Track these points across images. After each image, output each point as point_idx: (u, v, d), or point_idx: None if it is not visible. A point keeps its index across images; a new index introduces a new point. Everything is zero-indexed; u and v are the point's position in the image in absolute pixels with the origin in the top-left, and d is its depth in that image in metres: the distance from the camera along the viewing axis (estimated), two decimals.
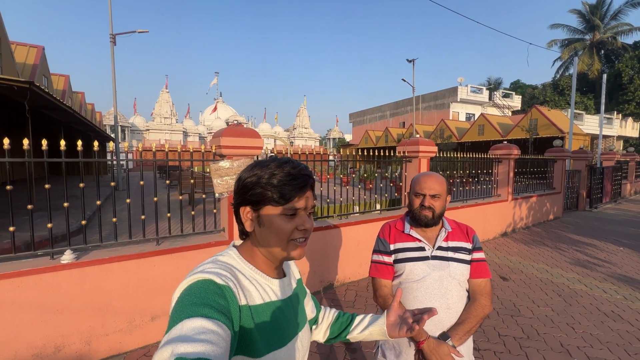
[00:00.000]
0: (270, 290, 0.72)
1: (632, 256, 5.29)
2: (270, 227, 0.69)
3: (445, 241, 1.36)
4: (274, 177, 0.68)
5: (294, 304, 0.79)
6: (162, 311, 2.69)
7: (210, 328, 0.52)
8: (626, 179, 13.57)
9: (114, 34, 12.88)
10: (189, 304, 0.55)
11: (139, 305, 2.59)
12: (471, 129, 23.43)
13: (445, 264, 1.31)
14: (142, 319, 2.61)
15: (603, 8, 33.08)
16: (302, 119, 45.53)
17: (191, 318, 0.52)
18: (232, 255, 0.73)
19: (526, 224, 7.25)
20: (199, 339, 0.49)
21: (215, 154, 3.05)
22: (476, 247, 1.38)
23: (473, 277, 1.33)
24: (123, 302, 2.53)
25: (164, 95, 37.05)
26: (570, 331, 2.97)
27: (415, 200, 1.37)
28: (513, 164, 6.54)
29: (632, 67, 31.55)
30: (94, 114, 23.43)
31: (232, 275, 0.65)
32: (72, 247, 2.40)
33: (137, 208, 2.86)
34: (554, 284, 4.06)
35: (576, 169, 9.86)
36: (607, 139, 26.76)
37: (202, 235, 3.07)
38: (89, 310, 2.39)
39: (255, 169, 0.71)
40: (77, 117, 8.77)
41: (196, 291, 0.58)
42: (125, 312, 2.54)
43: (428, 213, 1.33)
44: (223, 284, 0.61)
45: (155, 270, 2.66)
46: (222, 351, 0.51)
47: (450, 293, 1.28)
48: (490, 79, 42.69)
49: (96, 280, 2.41)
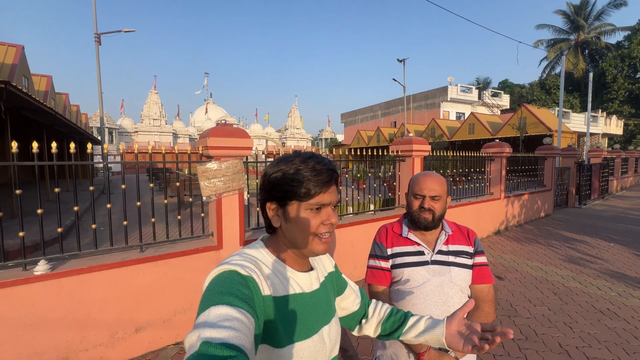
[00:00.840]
0: (295, 283, 0.73)
1: (623, 252, 5.33)
2: (297, 223, 0.71)
3: (445, 245, 1.27)
4: (299, 172, 0.69)
5: (321, 297, 0.78)
6: (146, 322, 2.54)
7: (235, 315, 0.54)
8: (612, 176, 13.86)
9: (98, 34, 12.52)
10: (215, 292, 0.58)
11: (121, 317, 2.44)
12: (462, 127, 23.64)
13: (446, 269, 1.22)
14: (125, 331, 2.46)
15: (587, 9, 33.88)
16: (293, 120, 45.34)
17: (217, 305, 0.55)
18: (258, 248, 0.75)
19: (519, 221, 7.28)
20: (223, 326, 0.51)
21: (202, 155, 2.91)
22: (478, 250, 1.29)
23: (475, 282, 1.25)
24: (104, 313, 2.37)
25: (152, 96, 36.40)
26: (568, 331, 2.93)
27: (414, 201, 1.27)
28: (505, 161, 6.56)
29: (615, 67, 32.39)
30: (79, 116, 22.79)
31: (257, 267, 0.67)
32: (47, 257, 2.24)
33: (122, 213, 2.70)
34: (549, 282, 4.04)
35: (565, 167, 9.99)
36: (593, 136, 27.36)
37: (190, 241, 2.93)
38: (67, 323, 2.23)
39: (280, 164, 0.72)
40: (59, 119, 8.46)
41: (222, 281, 0.61)
42: (107, 325, 2.39)
43: (428, 215, 1.24)
44: (247, 274, 0.63)
45: (138, 279, 2.51)
46: (245, 337, 0.52)
47: (451, 300, 1.19)
48: (479, 79, 43.31)
49: (74, 292, 2.25)
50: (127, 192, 2.66)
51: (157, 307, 2.60)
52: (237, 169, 2.89)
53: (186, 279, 2.72)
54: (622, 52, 32.25)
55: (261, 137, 40.27)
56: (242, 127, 45.36)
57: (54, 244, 4.93)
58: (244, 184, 2.94)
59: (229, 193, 2.86)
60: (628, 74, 32.45)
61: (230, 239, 2.92)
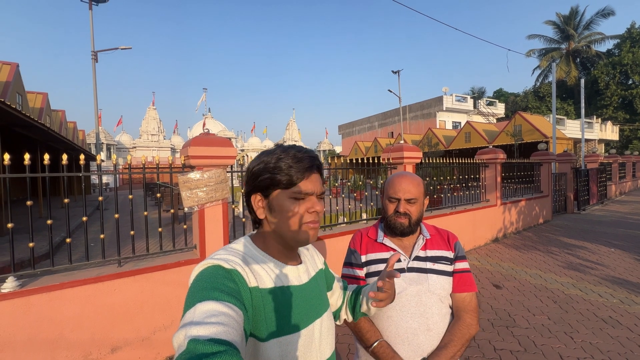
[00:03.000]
0: (283, 275, 0.72)
1: (624, 257, 5.20)
2: (281, 212, 0.71)
3: (423, 250, 1.18)
4: (280, 160, 0.70)
5: (311, 291, 0.77)
6: (123, 341, 2.41)
7: (222, 310, 0.53)
8: (610, 181, 13.80)
9: (95, 51, 12.72)
10: (200, 288, 0.57)
11: (96, 336, 2.31)
12: (458, 136, 23.74)
13: (424, 276, 1.13)
14: (101, 351, 2.33)
15: (576, 19, 34.68)
16: (291, 132, 45.65)
17: (203, 302, 0.54)
18: (244, 242, 0.74)
19: (517, 228, 7.17)
20: (210, 322, 0.50)
21: (184, 165, 2.85)
22: (459, 256, 1.20)
23: (456, 291, 1.15)
24: (77, 333, 2.25)
25: (150, 112, 36.76)
26: (569, 341, 2.79)
27: (389, 205, 1.19)
28: (500, 168, 6.50)
29: (607, 74, 32.87)
30: (76, 133, 22.85)
31: (242, 260, 0.67)
32: (16, 274, 2.14)
33: (110, 227, 2.61)
34: (549, 290, 3.91)
35: (562, 172, 9.94)
36: (589, 142, 27.46)
37: (171, 254, 2.82)
38: (36, 344, 2.11)
39: (262, 156, 0.73)
40: (53, 135, 8.45)
41: (206, 276, 0.60)
42: (80, 345, 2.26)
43: (404, 220, 1.15)
44: (230, 268, 0.63)
45: (116, 295, 2.40)
46: (234, 331, 0.51)
47: (430, 311, 1.10)
48: (474, 89, 43.89)
49: (44, 310, 2.14)
50: (121, 207, 2.58)
51: (136, 324, 2.47)
52: (220, 179, 2.82)
53: (167, 294, 2.61)
54: (613, 60, 32.81)
55: (259, 150, 40.45)
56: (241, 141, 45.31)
57: (46, 260, 4.80)
58: (228, 193, 2.87)
59: (212, 203, 2.78)
60: (620, 81, 32.91)
61: (213, 250, 2.82)
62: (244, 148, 44.04)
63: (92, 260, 2.46)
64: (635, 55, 31.13)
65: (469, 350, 2.68)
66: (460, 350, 1.06)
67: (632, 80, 32.62)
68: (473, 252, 5.65)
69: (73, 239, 6.95)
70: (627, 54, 31.50)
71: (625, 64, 31.64)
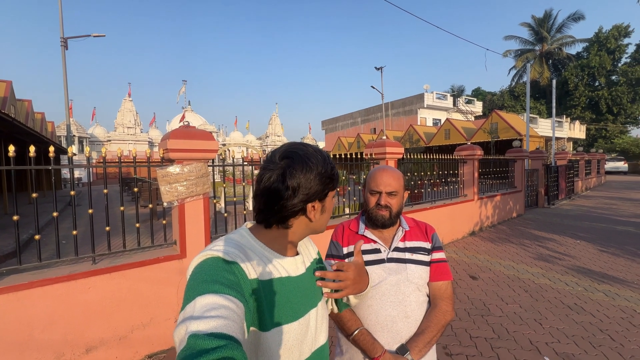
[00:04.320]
0: (281, 267, 0.73)
1: (589, 248, 5.55)
2: (329, 210, 0.78)
3: (402, 241, 1.22)
4: (333, 168, 0.76)
5: (307, 281, 0.79)
6: (99, 340, 2.33)
7: (222, 303, 0.53)
8: (577, 177, 14.63)
9: (65, 38, 11.99)
10: (200, 281, 0.57)
11: (69, 336, 2.22)
12: (438, 133, 24.35)
13: (403, 266, 1.17)
14: (74, 351, 2.24)
15: (549, 21, 36.24)
16: (274, 127, 45.11)
17: (203, 295, 0.54)
18: (243, 233, 0.74)
19: (492, 222, 7.47)
20: (210, 315, 0.50)
21: (163, 158, 2.75)
22: (436, 246, 1.25)
23: (433, 279, 1.20)
24: (49, 333, 2.15)
25: (126, 103, 35.15)
26: (538, 327, 2.96)
27: (371, 198, 1.21)
28: (477, 164, 6.73)
29: (576, 75, 34.67)
30: (44, 124, 21.51)
31: (241, 252, 0.67)
32: None
33: (83, 224, 2.49)
34: (521, 280, 4.12)
35: (534, 168, 10.43)
36: (559, 140, 28.94)
37: (149, 250, 2.74)
38: (2, 346, 2.00)
39: (313, 167, 0.72)
40: (19, 127, 7.93)
41: (206, 268, 0.60)
42: (52, 345, 2.16)
43: (385, 213, 1.18)
44: (231, 260, 0.63)
45: (90, 294, 2.30)
46: (235, 324, 0.51)
47: (408, 299, 1.14)
48: (454, 87, 45.10)
49: (11, 311, 2.02)
50: (95, 203, 2.46)
51: (112, 323, 2.39)
52: (201, 173, 2.75)
53: (146, 291, 2.53)
54: (582, 62, 34.62)
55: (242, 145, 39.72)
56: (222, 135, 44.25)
57: (12, 258, 4.52)
58: (209, 188, 2.81)
59: (192, 198, 2.72)
60: (588, 83, 34.81)
61: (194, 246, 2.77)
62: (225, 142, 43.16)
63: (64, 258, 2.34)
64: (602, 59, 32.98)
65: (447, 338, 2.79)
66: (437, 336, 1.10)
67: (598, 82, 34.58)
68: (451, 245, 5.85)
69: (43, 236, 6.57)
70: (595, 57, 33.32)
71: (592, 66, 33.47)
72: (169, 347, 2.63)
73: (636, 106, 33.17)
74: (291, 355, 0.70)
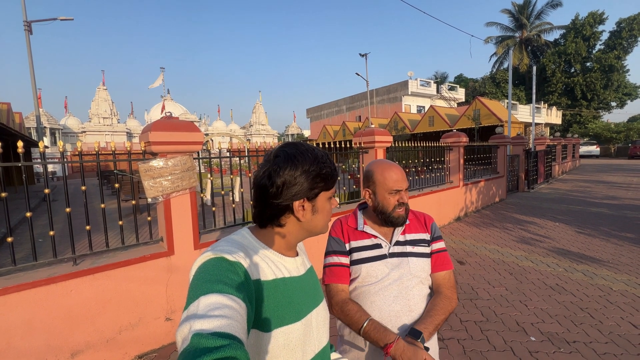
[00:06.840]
0: (283, 267, 0.73)
1: (567, 230, 5.81)
2: (323, 212, 0.76)
3: (402, 235, 1.19)
4: (325, 167, 0.73)
5: (308, 281, 0.79)
6: (85, 344, 2.23)
7: (225, 303, 0.53)
8: (555, 161, 15.21)
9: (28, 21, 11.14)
10: (204, 281, 0.58)
11: (51, 342, 2.11)
12: (422, 120, 24.60)
13: (405, 260, 1.14)
14: (58, 357, 2.13)
15: (529, 8, 36.74)
16: (258, 116, 44.25)
17: (206, 295, 0.54)
18: (244, 234, 0.75)
19: (476, 207, 7.68)
20: (214, 315, 0.50)
21: (145, 152, 2.61)
22: (435, 236, 1.23)
23: (435, 270, 1.18)
24: (29, 340, 2.03)
25: (101, 92, 33.39)
26: (524, 308, 3.07)
27: (390, 198, 1.14)
28: (462, 150, 6.84)
29: (553, 62, 35.59)
30: (10, 115, 20.11)
31: (244, 252, 0.67)
32: None
33: (60, 222, 2.33)
34: (505, 263, 4.26)
35: (515, 154, 10.73)
36: (537, 126, 29.86)
37: (135, 249, 2.62)
38: None
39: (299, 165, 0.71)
40: None
41: (210, 268, 0.60)
42: (33, 353, 2.05)
43: (404, 211, 1.16)
44: (234, 260, 0.63)
45: (72, 297, 2.19)
46: (238, 324, 0.52)
47: (411, 293, 1.12)
48: (437, 73, 45.43)
49: None
50: (73, 199, 2.30)
51: (98, 326, 2.29)
52: (187, 166, 2.63)
53: (133, 291, 2.43)
54: (559, 49, 35.50)
55: (225, 134, 38.86)
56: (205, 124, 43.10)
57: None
58: (196, 182, 2.69)
59: (178, 193, 2.60)
60: (564, 69, 35.84)
61: (182, 243, 2.67)
62: (208, 132, 42.06)
63: (41, 260, 2.20)
64: (578, 46, 33.92)
65: None
66: (443, 321, 1.09)
67: (574, 68, 35.66)
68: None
69: (16, 235, 6.24)
70: (571, 44, 34.21)
71: (569, 53, 34.40)
72: (160, 346, 2.56)
73: (608, 92, 34.56)
74: (294, 356, 0.70)
